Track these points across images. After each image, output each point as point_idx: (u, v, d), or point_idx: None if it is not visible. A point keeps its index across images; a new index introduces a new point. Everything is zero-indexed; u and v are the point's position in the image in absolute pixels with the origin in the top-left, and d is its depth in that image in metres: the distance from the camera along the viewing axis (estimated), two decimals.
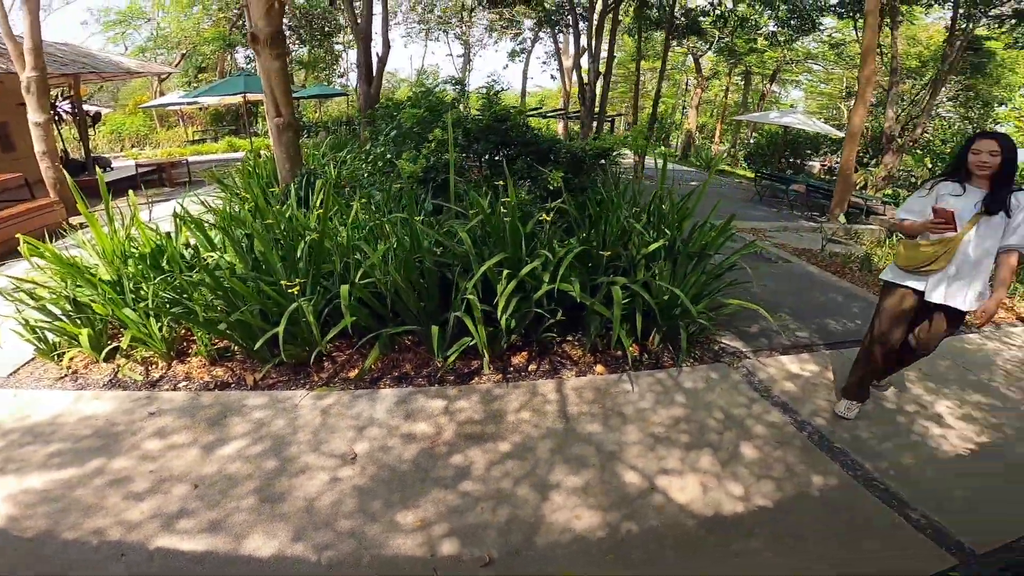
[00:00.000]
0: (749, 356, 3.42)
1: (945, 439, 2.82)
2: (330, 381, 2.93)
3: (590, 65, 10.81)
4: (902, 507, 2.30)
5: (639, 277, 2.98)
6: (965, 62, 13.13)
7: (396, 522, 2.06)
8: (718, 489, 2.31)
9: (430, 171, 3.86)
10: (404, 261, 2.77)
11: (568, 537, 2.02)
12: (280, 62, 4.96)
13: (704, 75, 23.16)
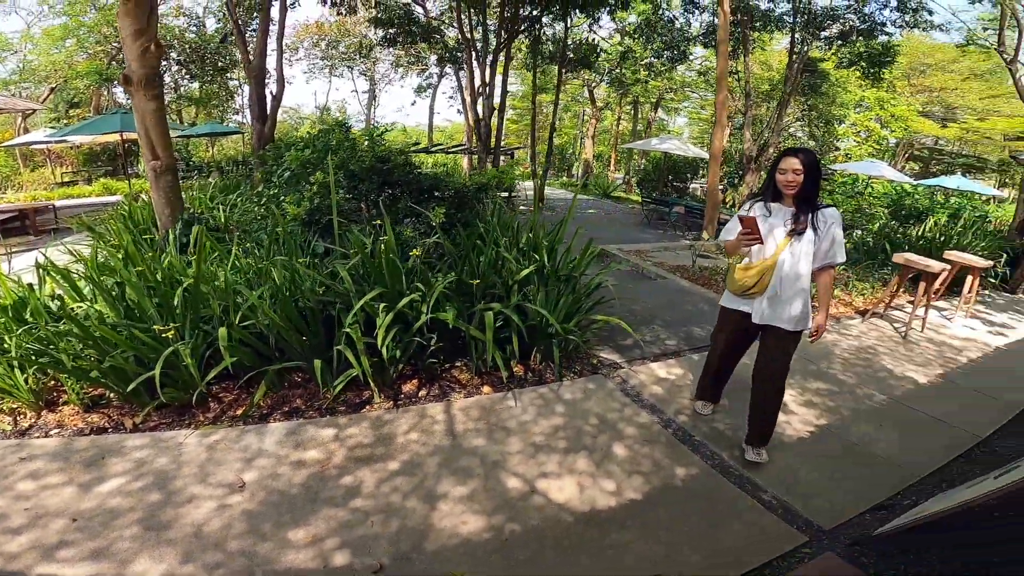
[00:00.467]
0: (623, 366, 3.81)
1: (790, 425, 3.22)
2: (217, 420, 2.92)
3: (484, 101, 11.37)
4: (756, 491, 2.59)
5: (512, 302, 3.27)
6: (804, 83, 15.29)
7: (287, 539, 2.13)
8: (593, 487, 2.54)
9: (314, 213, 3.95)
10: (283, 302, 2.86)
11: (455, 541, 2.17)
12: (156, 103, 4.83)
13: (598, 106, 24.99)
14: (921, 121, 23.24)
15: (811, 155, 2.45)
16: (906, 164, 25.55)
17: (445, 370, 3.41)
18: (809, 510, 2.48)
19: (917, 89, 24.54)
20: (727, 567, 2.12)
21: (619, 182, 22.32)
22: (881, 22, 12.68)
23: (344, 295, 3.04)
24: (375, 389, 3.05)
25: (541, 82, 20.77)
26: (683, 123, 33.74)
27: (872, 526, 2.40)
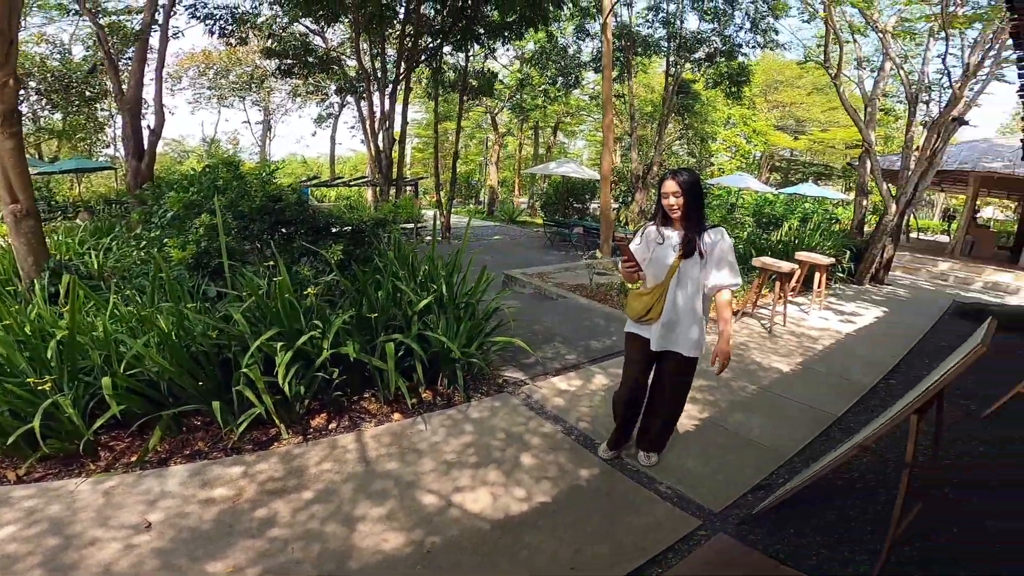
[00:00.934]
0: (527, 383, 4.06)
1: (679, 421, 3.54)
2: (110, 468, 2.76)
3: (384, 132, 11.45)
4: (652, 483, 2.82)
5: (413, 332, 3.41)
6: (680, 103, 17.03)
7: (206, 571, 2.11)
8: (505, 495, 2.69)
9: (203, 256, 3.84)
10: (172, 348, 2.78)
11: (379, 558, 2.24)
12: (14, 141, 4.41)
13: (500, 132, 25.90)
14: (778, 135, 26.62)
15: (689, 175, 2.41)
16: (769, 175, 29.03)
17: (354, 402, 3.45)
18: (700, 496, 2.73)
19: (772, 104, 28.09)
20: (633, 556, 2.30)
21: (524, 207, 23.16)
22: (739, 43, 14.61)
23: (240, 337, 3.01)
24: (282, 426, 3.02)
25: (444, 110, 21.21)
26: (582, 145, 35.57)
27: (754, 506, 2.66)
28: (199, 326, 3.02)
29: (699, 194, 2.45)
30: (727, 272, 2.46)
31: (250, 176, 4.55)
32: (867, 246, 10.07)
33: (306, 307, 3.27)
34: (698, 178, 2.45)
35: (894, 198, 9.69)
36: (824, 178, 27.39)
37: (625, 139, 18.59)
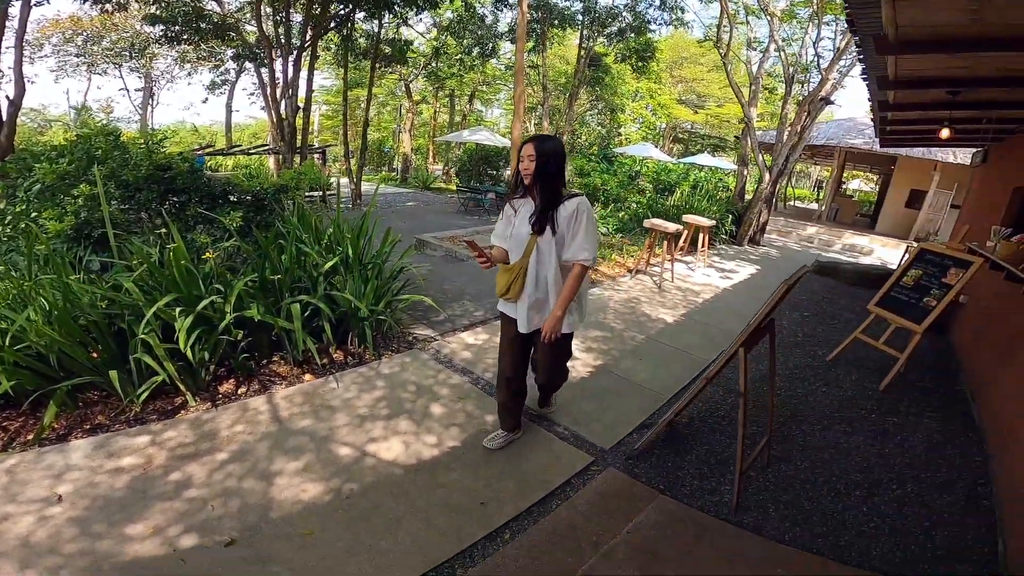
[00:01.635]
0: (437, 339, 4.30)
1: (574, 368, 3.78)
2: (7, 448, 2.66)
3: (287, 99, 10.85)
4: (551, 425, 3.11)
5: (319, 292, 3.51)
6: (591, 75, 17.60)
7: (126, 534, 2.17)
8: (417, 443, 2.90)
9: (83, 227, 3.64)
10: (60, 319, 2.70)
11: (299, 507, 2.37)
12: None
13: (415, 99, 25.17)
14: (680, 108, 28.19)
15: (551, 143, 2.24)
16: (672, 146, 30.84)
17: (263, 366, 3.51)
18: (593, 435, 3.03)
19: (677, 80, 29.61)
20: (536, 489, 2.59)
21: (438, 174, 22.97)
22: (648, 20, 15.29)
23: (133, 306, 2.96)
24: (188, 394, 3.04)
25: (355, 77, 20.22)
26: (499, 114, 35.46)
27: (638, 443, 3.00)
28: (86, 297, 2.93)
29: (557, 164, 2.25)
30: (578, 245, 2.27)
31: (133, 146, 4.30)
32: (746, 211, 11.27)
33: (205, 273, 3.25)
34: (561, 149, 2.29)
35: (768, 168, 10.88)
36: (720, 150, 29.55)
37: (539, 109, 18.88)
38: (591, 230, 2.31)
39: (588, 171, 12.33)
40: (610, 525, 2.37)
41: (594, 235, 2.32)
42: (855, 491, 2.79)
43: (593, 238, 2.32)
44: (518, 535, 2.33)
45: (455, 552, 2.20)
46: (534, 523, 2.40)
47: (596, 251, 2.33)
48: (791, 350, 4.78)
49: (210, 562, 2.08)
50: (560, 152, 2.30)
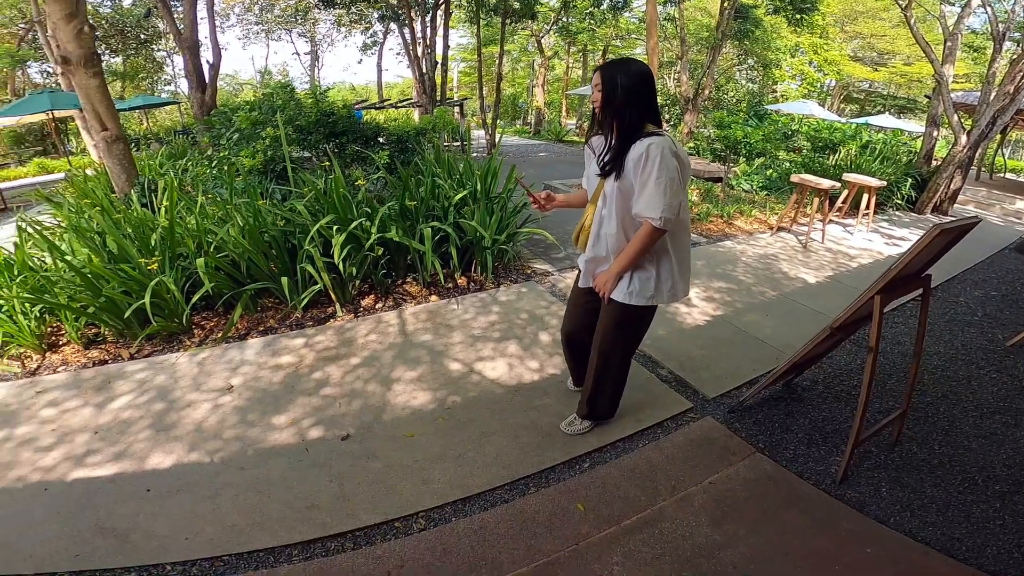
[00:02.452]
0: (553, 274, 4.44)
1: (689, 315, 3.75)
2: (202, 343, 3.42)
3: (427, 56, 11.50)
4: (655, 367, 3.06)
5: (449, 220, 3.83)
6: (736, 28, 15.86)
7: (271, 424, 2.60)
8: (521, 366, 3.05)
9: (269, 163, 4.37)
10: (250, 232, 3.34)
11: (408, 412, 2.66)
12: (98, 80, 4.99)
13: (547, 55, 24.98)
14: (854, 66, 24.32)
15: (619, 66, 1.82)
16: (844, 105, 26.81)
17: (397, 285, 3.98)
18: (697, 382, 2.93)
19: (849, 36, 25.52)
20: (626, 425, 2.59)
21: (571, 127, 22.75)
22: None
23: (302, 225, 3.54)
24: (337, 303, 3.59)
25: (488, 34, 20.62)
26: None
27: (744, 395, 2.83)
28: (269, 217, 3.57)
29: (627, 94, 1.80)
30: (646, 198, 1.79)
31: (304, 98, 4.99)
32: (933, 176, 9.49)
33: (357, 200, 3.75)
34: (636, 76, 1.81)
35: (966, 131, 8.99)
36: (908, 112, 25.00)
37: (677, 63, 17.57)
38: (663, 180, 1.76)
39: (728, 123, 11.29)
40: (694, 474, 2.31)
41: (669, 187, 1.76)
42: (994, 485, 2.37)
43: (667, 190, 1.76)
44: (597, 466, 2.35)
45: (533, 471, 2.30)
46: (616, 458, 2.41)
47: (674, 208, 1.78)
48: (963, 328, 4.06)
49: (327, 453, 2.41)
50: (633, 79, 1.81)
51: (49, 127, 17.37)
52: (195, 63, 10.70)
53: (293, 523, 2.06)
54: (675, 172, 1.78)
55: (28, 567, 1.90)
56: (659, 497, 2.17)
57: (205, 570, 1.90)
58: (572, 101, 27.05)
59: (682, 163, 1.83)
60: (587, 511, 2.10)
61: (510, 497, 2.19)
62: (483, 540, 1.99)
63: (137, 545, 1.99)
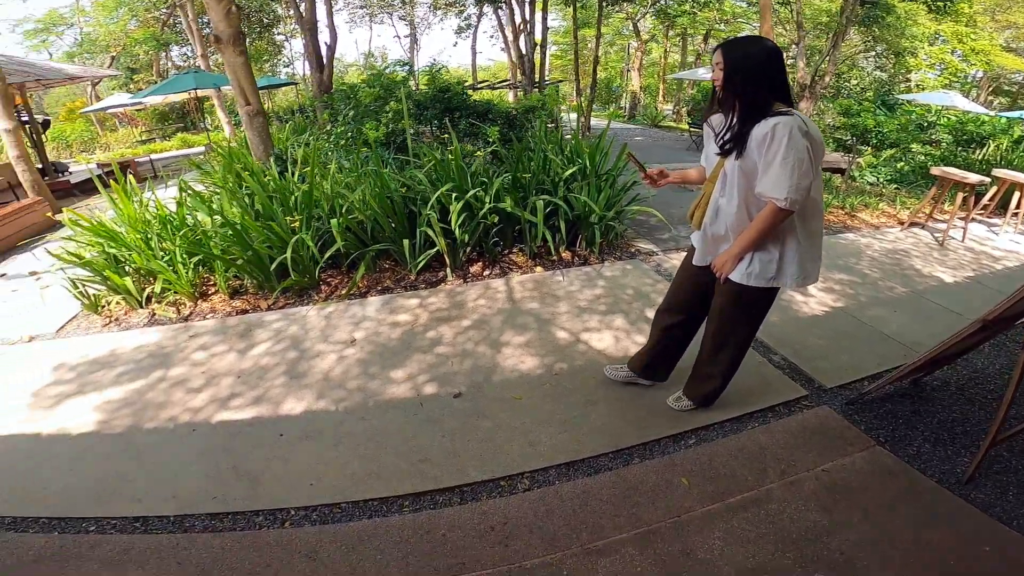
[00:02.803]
0: (658, 254, 4.36)
1: (806, 304, 3.56)
2: (328, 298, 3.77)
3: (526, 37, 11.55)
4: (767, 352, 2.96)
5: (560, 194, 3.90)
6: (863, 14, 14.32)
7: (390, 377, 2.82)
8: (627, 340, 3.08)
9: (390, 136, 4.66)
10: (378, 196, 3.62)
11: (516, 375, 2.78)
12: (243, 57, 5.54)
13: (643, 38, 24.11)
14: (1005, 56, 21.20)
15: (741, 45, 1.78)
16: (993, 98, 23.55)
17: (504, 255, 4.13)
18: (813, 371, 2.79)
19: (1001, 25, 22.28)
20: (733, 406, 2.53)
21: (668, 112, 21.93)
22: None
23: (422, 192, 3.77)
24: (448, 268, 3.80)
25: (583, 16, 20.26)
26: None
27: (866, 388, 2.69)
28: (392, 183, 3.83)
29: (749, 73, 1.75)
30: (771, 178, 1.73)
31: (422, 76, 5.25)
32: None
33: (472, 171, 3.92)
34: (759, 54, 1.75)
35: None
36: None
37: (792, 48, 16.24)
38: (791, 160, 1.69)
39: (856, 111, 10.32)
40: (806, 459, 2.23)
41: (797, 167, 1.69)
42: None
43: (794, 170, 1.69)
44: (703, 443, 2.33)
45: (637, 443, 2.31)
46: (723, 437, 2.38)
47: (801, 189, 1.70)
48: None
49: (440, 408, 2.56)
50: (756, 58, 1.75)
51: (190, 106, 19.60)
52: (314, 44, 11.50)
53: (406, 475, 2.19)
54: (804, 152, 1.69)
55: (170, 508, 2.11)
56: (767, 479, 2.12)
57: (324, 516, 2.05)
58: (670, 86, 25.96)
59: (814, 142, 1.74)
60: (691, 486, 2.10)
61: (614, 465, 2.23)
62: (585, 505, 2.04)
63: (267, 489, 2.17)
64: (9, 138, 7.42)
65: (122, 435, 2.54)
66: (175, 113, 21.69)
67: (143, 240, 3.91)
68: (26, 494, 2.22)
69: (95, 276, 3.89)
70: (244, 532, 1.98)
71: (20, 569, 1.89)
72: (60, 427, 2.62)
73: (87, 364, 3.21)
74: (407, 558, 1.84)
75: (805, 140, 1.69)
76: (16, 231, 6.56)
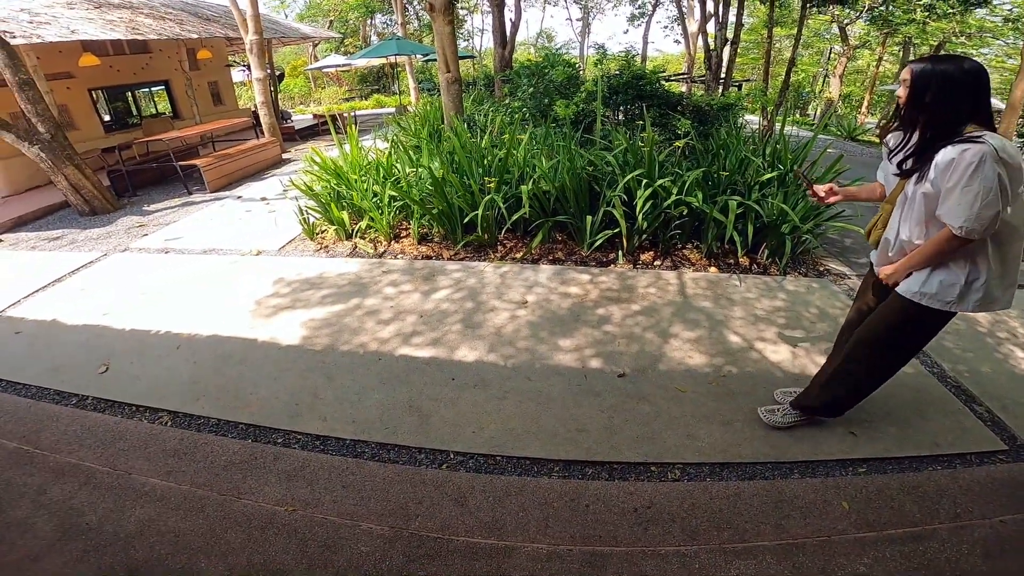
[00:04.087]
0: (852, 277, 3.92)
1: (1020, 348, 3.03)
2: (504, 258, 4.04)
3: (716, 31, 10.85)
4: (969, 401, 2.63)
5: (753, 197, 3.68)
6: None
7: (557, 344, 2.96)
8: (806, 358, 2.85)
9: (580, 115, 4.77)
10: (569, 170, 3.75)
11: (682, 368, 2.74)
12: (450, 27, 6.01)
13: (851, 44, 21.24)
14: None
15: (933, 65, 1.69)
16: None
17: (677, 250, 4.03)
18: (1020, 428, 2.48)
19: None
20: (919, 445, 2.32)
21: (870, 126, 19.24)
22: None
23: (609, 174, 3.82)
24: (623, 250, 3.82)
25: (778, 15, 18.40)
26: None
27: None
28: (580, 160, 3.94)
29: (939, 95, 1.67)
30: (950, 204, 1.66)
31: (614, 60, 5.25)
32: None
33: (660, 161, 3.87)
34: (952, 75, 1.65)
35: None
36: None
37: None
38: (975, 187, 1.61)
39: None
40: (985, 509, 2.03)
41: (982, 196, 1.60)
42: None
43: (978, 198, 1.60)
44: (874, 473, 2.18)
45: (802, 459, 2.22)
46: (898, 472, 2.20)
47: (984, 219, 1.62)
48: None
49: (602, 384, 2.61)
50: (952, 77, 1.65)
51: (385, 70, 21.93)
52: (500, 21, 12.03)
53: (561, 441, 2.27)
54: (993, 181, 1.59)
55: (349, 431, 2.34)
56: (936, 519, 1.97)
57: (480, 464, 2.18)
58: (879, 97, 22.65)
59: (1010, 168, 1.62)
60: (850, 510, 1.98)
61: (771, 476, 2.14)
62: (733, 506, 2.00)
63: (434, 428, 2.36)
64: (259, 86, 9.00)
65: (320, 353, 2.94)
66: (372, 76, 24.39)
67: (361, 181, 4.53)
68: (234, 398, 2.62)
69: (318, 207, 4.63)
70: (405, 466, 2.19)
71: (210, 474, 2.16)
72: (272, 337, 3.12)
73: (300, 282, 3.84)
74: (548, 520, 1.93)
75: (999, 167, 1.59)
76: (253, 163, 8.00)
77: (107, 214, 6.08)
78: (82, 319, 3.48)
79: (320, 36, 17.78)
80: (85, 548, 1.86)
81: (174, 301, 3.68)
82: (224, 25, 10.83)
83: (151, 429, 2.47)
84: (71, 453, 2.34)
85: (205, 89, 11.97)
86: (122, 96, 10.39)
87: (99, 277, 4.22)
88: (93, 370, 2.91)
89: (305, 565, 1.77)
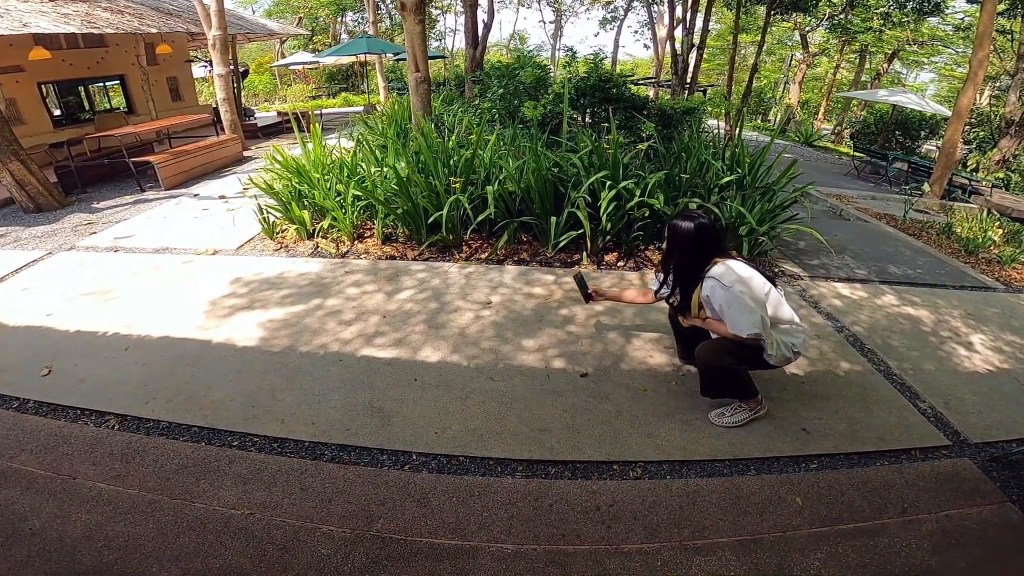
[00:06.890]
0: (804, 279, 4.04)
1: (969, 359, 3.20)
2: (469, 259, 4.02)
3: (684, 36, 11.11)
4: (914, 398, 2.76)
5: (712, 200, 3.77)
6: None
7: (521, 345, 2.97)
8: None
9: (546, 117, 4.79)
10: (533, 171, 3.76)
11: (644, 368, 2.79)
12: (421, 27, 5.95)
13: (811, 51, 22.05)
14: None
15: (682, 220, 2.20)
16: None
17: (640, 251, 4.10)
18: (961, 424, 2.61)
19: None
20: (867, 442, 2.43)
21: (825, 132, 19.99)
22: None
23: (575, 175, 3.86)
24: (587, 251, 3.86)
25: (743, 22, 18.97)
26: (928, 78, 28.22)
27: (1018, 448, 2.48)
28: (546, 162, 3.96)
29: (675, 245, 2.23)
30: (729, 323, 2.16)
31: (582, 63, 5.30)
32: None
33: (624, 163, 3.92)
34: (687, 230, 2.18)
35: None
36: None
37: (1003, 79, 13.91)
38: (736, 303, 2.12)
39: None
40: (931, 503, 2.14)
41: (744, 305, 2.10)
42: None
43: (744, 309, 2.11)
44: (826, 469, 2.27)
45: (758, 455, 2.28)
46: (848, 467, 2.30)
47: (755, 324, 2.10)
48: None
49: (565, 384, 2.64)
50: (688, 238, 2.20)
51: (354, 69, 21.59)
52: (473, 21, 11.98)
53: (525, 440, 2.28)
54: (743, 293, 2.10)
55: (307, 433, 2.30)
56: (885, 514, 2.05)
57: (443, 465, 2.18)
58: (835, 104, 23.56)
59: (743, 280, 2.12)
60: (804, 506, 2.05)
61: (729, 473, 2.20)
62: (693, 503, 2.04)
63: (396, 430, 2.34)
64: (220, 82, 8.73)
65: (279, 354, 2.86)
66: (341, 74, 23.97)
67: (324, 180, 4.44)
68: (186, 400, 2.54)
69: (278, 206, 4.51)
70: (367, 468, 2.15)
71: (161, 478, 2.09)
72: (228, 338, 3.02)
73: (258, 282, 3.73)
74: (511, 520, 1.93)
75: (739, 285, 2.09)
76: (212, 160, 7.75)
77: (54, 211, 5.80)
78: (24, 320, 3.30)
79: (288, 33, 17.38)
80: (28, 553, 1.78)
81: (123, 301, 3.52)
82: (187, 20, 10.47)
83: (97, 433, 2.36)
84: (12, 458, 2.22)
85: (163, 84, 11.56)
86: (74, 90, 9.94)
87: (43, 276, 4.01)
88: (35, 372, 2.77)
89: (264, 568, 1.73)
